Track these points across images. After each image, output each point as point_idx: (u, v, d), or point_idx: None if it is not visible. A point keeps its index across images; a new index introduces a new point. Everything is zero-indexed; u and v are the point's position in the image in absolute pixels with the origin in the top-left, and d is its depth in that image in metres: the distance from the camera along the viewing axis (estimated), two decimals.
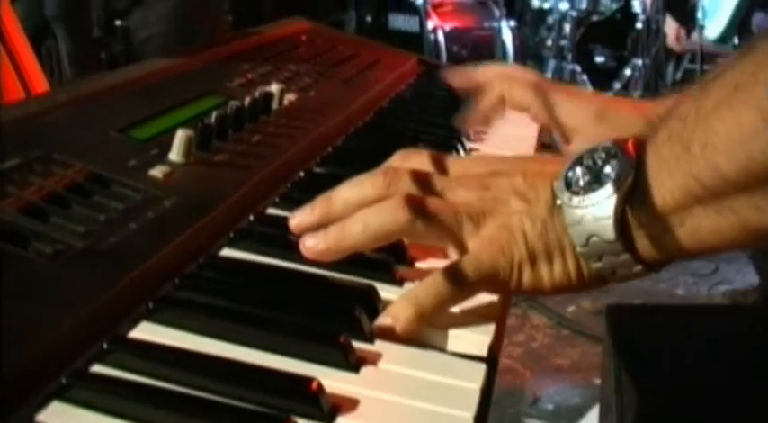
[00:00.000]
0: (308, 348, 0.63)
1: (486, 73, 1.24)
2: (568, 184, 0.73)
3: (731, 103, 0.65)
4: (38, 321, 0.58)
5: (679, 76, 6.15)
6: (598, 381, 1.53)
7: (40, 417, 0.53)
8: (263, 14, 6.20)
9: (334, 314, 0.68)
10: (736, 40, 5.14)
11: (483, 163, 0.86)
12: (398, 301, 0.70)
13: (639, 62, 5.78)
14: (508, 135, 1.28)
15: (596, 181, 0.71)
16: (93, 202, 0.76)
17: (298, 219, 0.79)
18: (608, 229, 0.70)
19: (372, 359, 0.64)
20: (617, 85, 6.07)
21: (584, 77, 5.88)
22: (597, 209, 0.71)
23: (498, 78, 1.21)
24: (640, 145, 0.72)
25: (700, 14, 5.24)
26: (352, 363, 0.62)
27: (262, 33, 1.58)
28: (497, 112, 1.22)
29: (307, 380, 0.57)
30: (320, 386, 0.57)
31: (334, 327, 0.65)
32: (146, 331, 0.64)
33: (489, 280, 0.74)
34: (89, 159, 0.82)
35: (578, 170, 0.73)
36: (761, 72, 0.64)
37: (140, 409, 0.55)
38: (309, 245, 0.74)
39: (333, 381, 0.59)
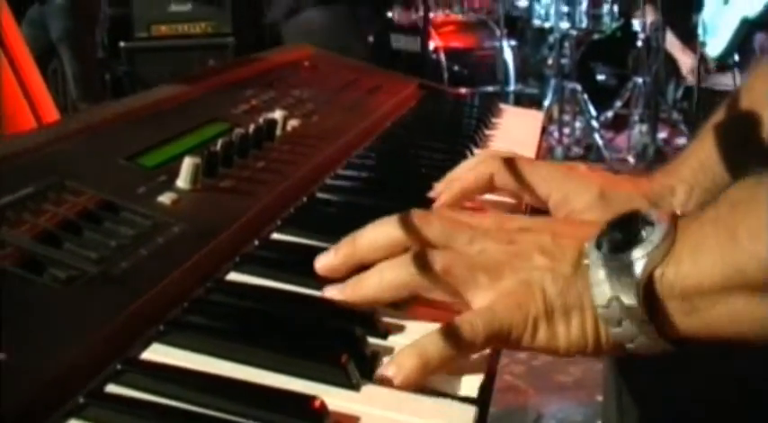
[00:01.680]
0: (312, 368, 0.65)
1: (461, 170, 1.09)
2: (599, 245, 0.72)
3: None
4: (55, 344, 0.61)
5: (680, 94, 6.17)
6: (600, 398, 1.54)
7: None
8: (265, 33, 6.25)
9: (336, 335, 0.70)
10: (736, 57, 5.15)
11: (516, 219, 0.84)
12: (405, 349, 0.69)
13: (640, 80, 5.80)
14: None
15: (629, 243, 0.70)
16: (105, 228, 0.78)
17: (323, 260, 0.81)
18: (631, 292, 0.69)
19: (373, 378, 0.66)
20: (618, 104, 6.10)
21: (585, 96, 5.90)
22: (624, 270, 0.69)
23: (482, 161, 1.08)
24: (679, 219, 0.71)
25: (700, 31, 5.26)
26: (354, 382, 0.64)
27: (265, 59, 1.60)
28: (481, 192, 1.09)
29: (310, 398, 0.60)
30: (323, 404, 0.59)
31: (337, 347, 0.67)
32: (157, 353, 0.66)
33: (502, 335, 0.72)
34: (100, 187, 0.84)
35: (612, 233, 0.73)
36: None
37: None
38: (329, 295, 0.77)
39: (335, 399, 0.62)
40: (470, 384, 0.69)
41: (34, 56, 1.58)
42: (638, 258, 0.69)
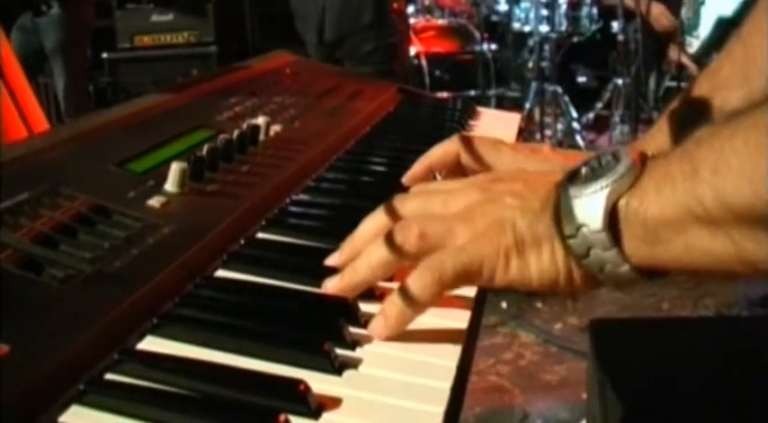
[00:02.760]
0: (297, 356, 0.69)
1: (430, 153, 1.12)
2: (570, 180, 0.75)
3: (747, 138, 0.65)
4: (55, 337, 0.64)
5: (661, 93, 6.20)
6: (585, 396, 1.57)
7: (62, 418, 0.60)
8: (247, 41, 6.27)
9: (319, 325, 0.75)
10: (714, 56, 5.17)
11: (488, 174, 0.89)
12: (385, 302, 0.76)
13: (620, 81, 5.82)
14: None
15: (596, 176, 0.73)
16: (98, 230, 0.81)
17: (330, 262, 0.86)
18: (597, 218, 0.71)
19: (354, 364, 0.70)
20: (598, 105, 6.13)
21: (566, 98, 5.92)
22: (590, 199, 0.72)
23: (447, 146, 1.11)
24: (648, 158, 0.74)
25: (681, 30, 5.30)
26: (336, 367, 0.68)
27: (248, 67, 1.62)
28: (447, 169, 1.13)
29: (296, 382, 0.64)
30: (307, 387, 0.63)
31: (320, 336, 0.71)
32: (151, 344, 0.70)
33: (472, 269, 0.75)
34: (92, 192, 0.88)
35: (582, 170, 0.75)
36: None
37: (149, 410, 0.61)
38: (330, 285, 0.81)
39: (319, 383, 0.65)
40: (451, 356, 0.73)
41: (22, 65, 1.59)
42: (603, 187, 0.72)
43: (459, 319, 0.79)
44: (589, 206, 0.72)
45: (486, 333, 3.42)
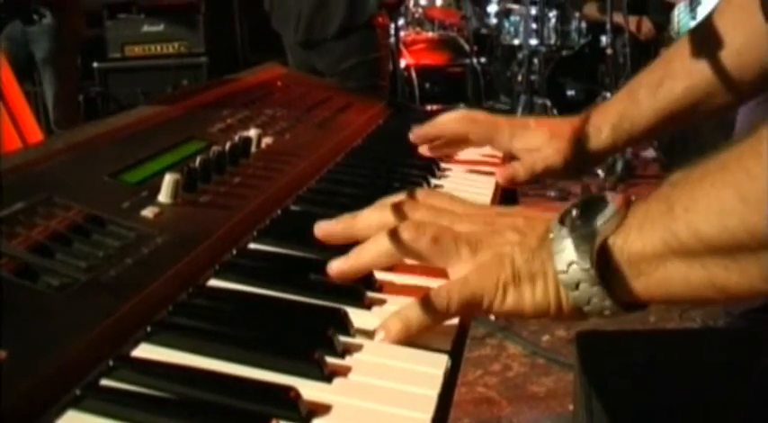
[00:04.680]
0: (288, 363, 0.70)
1: (443, 121, 1.36)
2: (562, 221, 0.82)
3: (715, 178, 0.74)
4: (51, 344, 0.66)
5: None
6: (572, 407, 1.58)
7: None
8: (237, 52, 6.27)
9: (309, 334, 0.76)
10: None
11: (492, 208, 0.99)
12: (391, 316, 0.79)
13: (609, 94, 5.84)
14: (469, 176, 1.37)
15: (587, 220, 0.81)
16: (93, 240, 0.82)
17: (324, 226, 0.92)
18: (586, 258, 0.79)
19: (343, 372, 0.71)
20: None
21: (555, 111, 5.94)
22: (581, 240, 0.79)
23: (457, 121, 1.34)
24: (631, 201, 0.82)
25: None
26: (326, 375, 0.70)
27: (239, 80, 1.63)
28: (458, 148, 1.39)
29: (286, 389, 0.65)
30: (298, 394, 0.65)
31: (310, 345, 0.72)
32: (145, 351, 0.72)
33: (474, 301, 0.81)
34: (87, 202, 0.89)
35: (573, 211, 0.83)
36: (743, 159, 0.73)
37: (143, 416, 0.63)
38: (335, 265, 0.86)
39: (309, 390, 0.67)
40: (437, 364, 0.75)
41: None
42: (593, 229, 0.80)
43: (446, 328, 0.81)
44: (580, 245, 0.79)
45: (475, 344, 3.43)
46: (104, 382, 0.66)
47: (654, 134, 1.31)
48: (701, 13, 5.10)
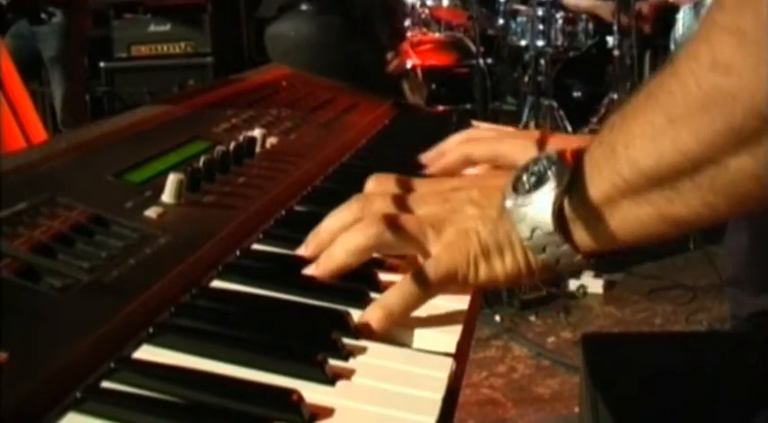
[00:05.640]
0: (291, 366, 0.70)
1: (447, 149, 1.26)
2: (515, 188, 0.84)
3: (645, 108, 0.76)
4: (53, 345, 0.65)
5: None
6: (577, 410, 1.58)
7: None
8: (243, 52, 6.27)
9: (313, 336, 0.75)
10: None
11: (445, 181, 0.98)
12: (371, 306, 0.80)
13: (615, 96, 5.84)
14: None
15: (538, 183, 0.82)
16: (96, 240, 0.82)
17: (299, 254, 0.91)
18: (548, 222, 0.81)
19: (347, 374, 0.71)
20: (594, 120, 6.13)
21: (561, 113, 5.93)
22: (539, 205, 0.81)
23: (459, 145, 1.25)
24: (577, 153, 0.83)
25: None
26: (329, 377, 0.69)
27: (244, 80, 1.63)
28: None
29: (289, 392, 0.65)
30: (301, 397, 0.64)
31: (313, 347, 0.72)
32: (147, 353, 0.71)
33: (449, 277, 0.84)
34: (90, 202, 0.88)
35: (524, 176, 0.84)
36: (668, 81, 0.74)
37: (144, 418, 0.62)
38: (308, 274, 0.87)
39: (312, 393, 0.66)
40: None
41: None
42: (547, 192, 0.81)
43: (451, 330, 0.81)
44: (538, 211, 0.81)
45: (480, 346, 3.43)
46: (105, 384, 0.66)
47: None
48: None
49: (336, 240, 0.87)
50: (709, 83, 0.70)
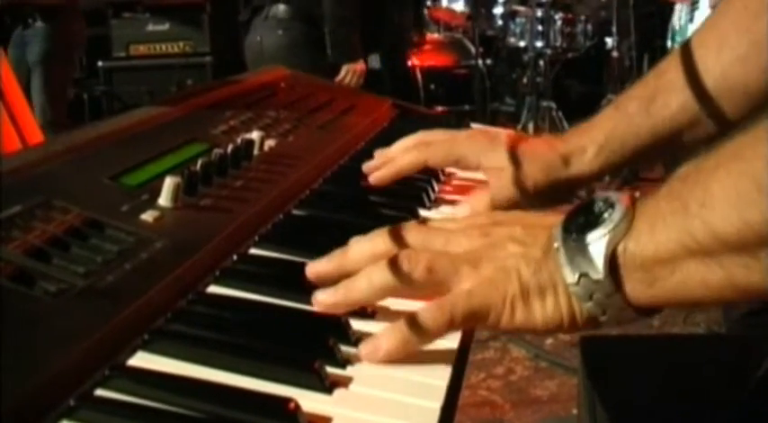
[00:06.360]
0: (288, 373, 0.69)
1: (396, 154, 1.22)
2: (567, 229, 0.78)
3: (730, 168, 0.69)
4: (46, 352, 0.64)
5: None
6: (575, 411, 1.58)
7: None
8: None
9: (310, 343, 0.74)
10: None
11: (487, 216, 0.92)
12: (385, 330, 0.76)
13: (613, 97, 5.81)
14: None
15: (593, 225, 0.76)
16: (91, 244, 0.81)
17: (316, 267, 0.86)
18: (598, 268, 0.74)
19: (344, 382, 0.70)
20: None
21: (560, 114, 5.93)
22: (590, 249, 0.75)
23: (410, 151, 1.20)
24: (637, 199, 0.77)
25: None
26: (326, 386, 0.68)
27: (242, 81, 1.62)
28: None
29: (285, 400, 0.64)
30: (297, 405, 0.63)
31: (311, 354, 0.71)
32: (142, 360, 0.70)
33: (478, 315, 0.77)
34: (85, 205, 0.87)
35: (577, 217, 0.78)
36: (759, 146, 0.68)
37: None
38: (321, 298, 0.81)
39: (309, 401, 0.65)
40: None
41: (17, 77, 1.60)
42: (602, 236, 0.75)
43: (450, 338, 0.79)
44: (589, 256, 0.75)
45: (478, 348, 3.42)
46: (99, 391, 0.65)
47: (647, 157, 1.17)
48: (699, 18, 5.08)
49: (362, 272, 0.82)
50: None
